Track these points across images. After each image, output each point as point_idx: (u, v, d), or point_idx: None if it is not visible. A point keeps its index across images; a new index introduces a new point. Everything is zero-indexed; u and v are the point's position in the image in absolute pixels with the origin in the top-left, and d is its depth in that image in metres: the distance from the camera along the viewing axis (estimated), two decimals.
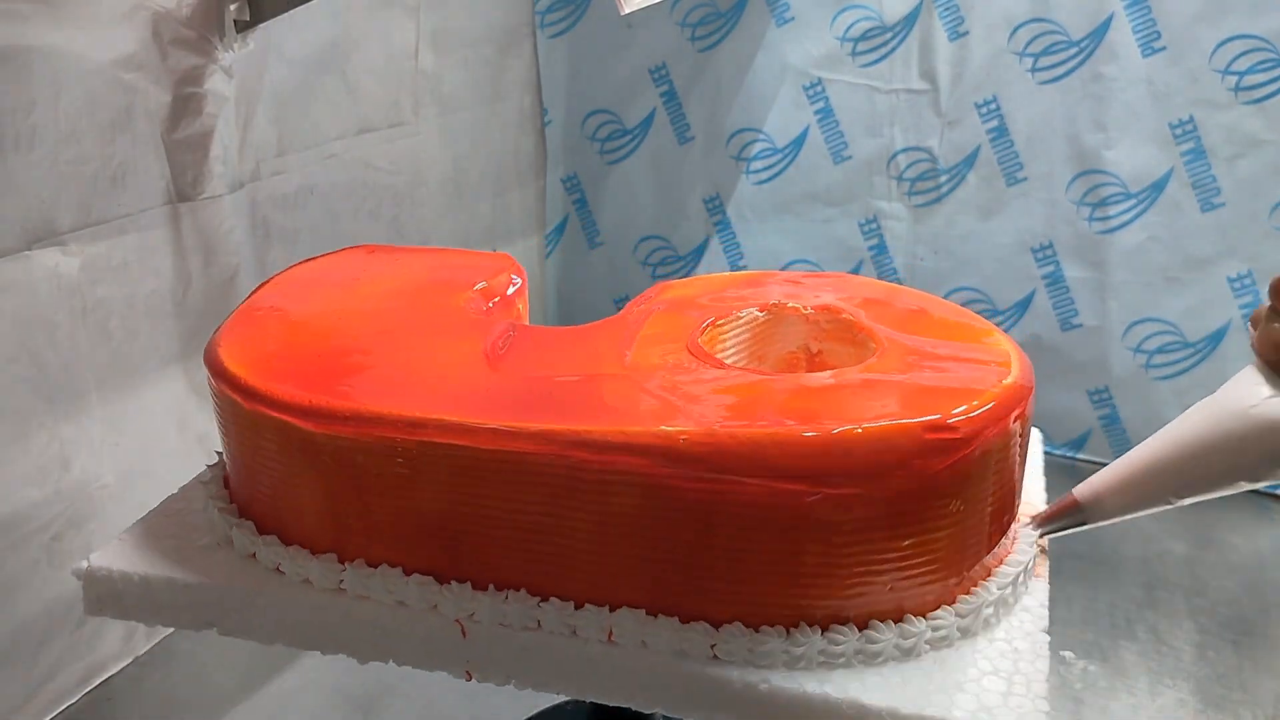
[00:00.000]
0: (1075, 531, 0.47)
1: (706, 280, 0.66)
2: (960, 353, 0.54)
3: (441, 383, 0.52)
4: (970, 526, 0.48)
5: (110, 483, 0.77)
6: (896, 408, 0.47)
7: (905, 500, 0.46)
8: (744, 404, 0.49)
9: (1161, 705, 0.79)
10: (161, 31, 0.75)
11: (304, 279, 0.67)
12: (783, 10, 1.21)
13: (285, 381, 0.52)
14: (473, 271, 0.66)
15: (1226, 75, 1.04)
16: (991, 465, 0.48)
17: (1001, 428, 0.48)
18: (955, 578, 0.49)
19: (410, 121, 1.07)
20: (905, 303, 0.61)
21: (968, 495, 0.47)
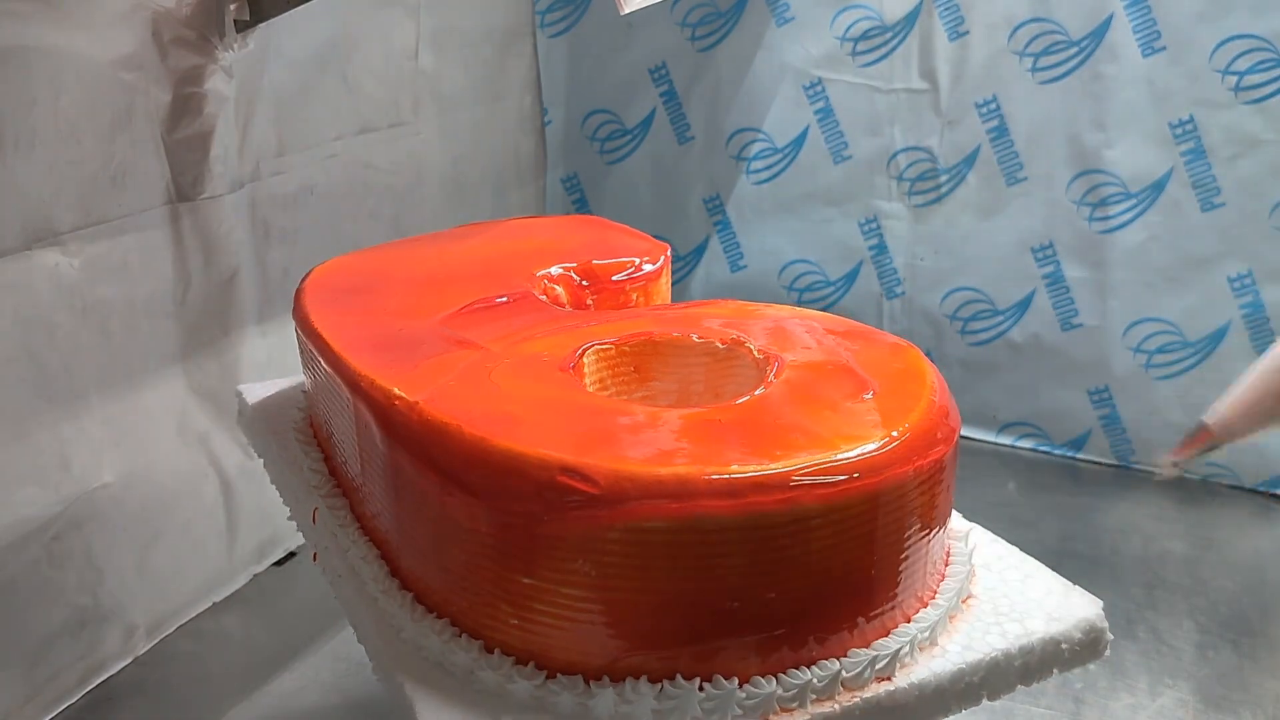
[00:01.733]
0: (1210, 455, 0.49)
1: (752, 308, 0.62)
2: (818, 434, 0.47)
3: (389, 324, 0.58)
4: (617, 604, 0.43)
5: (110, 482, 0.77)
6: (578, 444, 0.44)
7: (522, 533, 0.43)
8: (485, 396, 0.49)
9: (1161, 705, 0.79)
10: (161, 31, 0.75)
11: (465, 232, 0.76)
12: (783, 10, 1.21)
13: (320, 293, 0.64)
14: (609, 251, 0.69)
15: (1226, 75, 1.04)
16: (653, 545, 0.42)
17: (669, 509, 0.41)
18: (601, 652, 0.44)
19: (410, 121, 1.07)
20: (869, 378, 0.54)
21: (604, 564, 0.42)
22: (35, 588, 0.72)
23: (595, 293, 0.66)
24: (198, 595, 0.87)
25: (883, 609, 0.46)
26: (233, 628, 0.86)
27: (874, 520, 0.44)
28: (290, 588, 0.91)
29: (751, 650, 0.44)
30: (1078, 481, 1.15)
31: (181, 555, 0.84)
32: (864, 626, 0.46)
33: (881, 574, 0.46)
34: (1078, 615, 0.51)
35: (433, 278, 0.65)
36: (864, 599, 0.45)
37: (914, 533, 0.47)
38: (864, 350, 0.55)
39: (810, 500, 0.42)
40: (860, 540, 0.44)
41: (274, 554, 0.94)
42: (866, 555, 0.45)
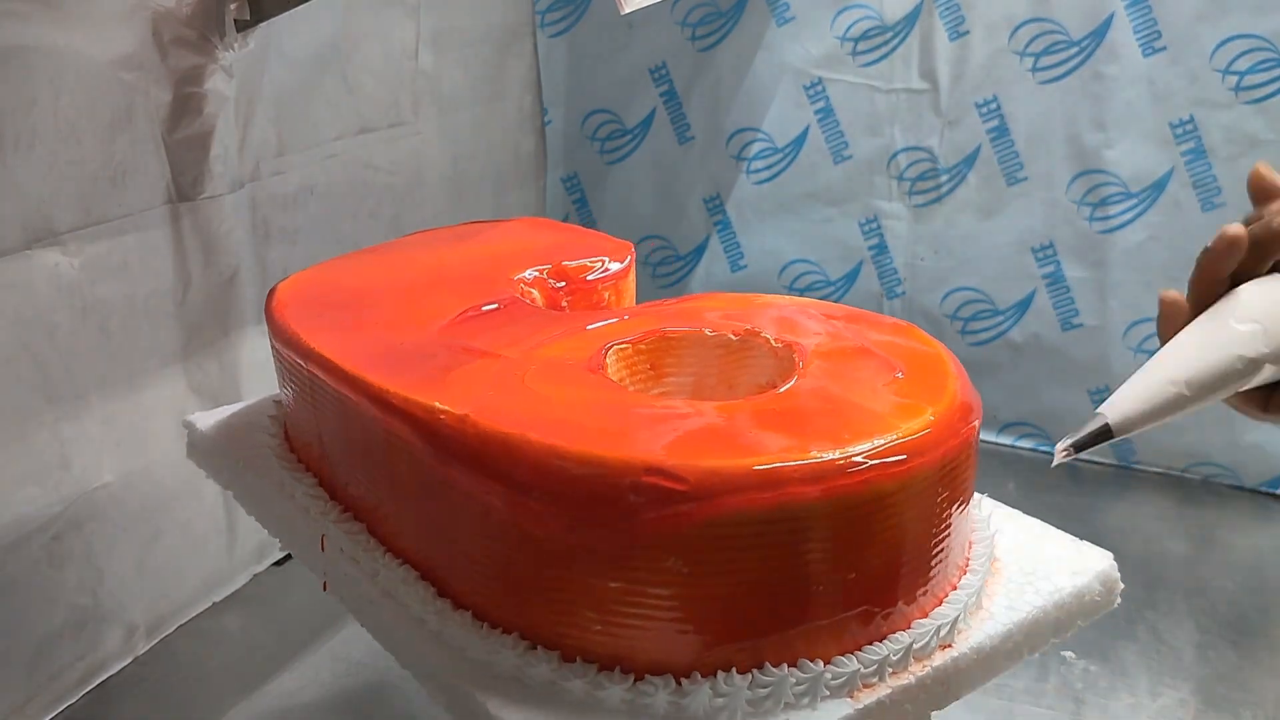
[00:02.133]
0: (1105, 445, 0.48)
1: (746, 299, 0.62)
2: (856, 419, 0.48)
3: (383, 338, 0.57)
4: (711, 598, 0.43)
5: (110, 482, 0.77)
6: (652, 445, 0.43)
7: (609, 537, 0.43)
8: (536, 404, 0.48)
9: (1161, 705, 0.79)
10: (161, 31, 0.75)
11: (415, 240, 0.75)
12: (783, 10, 1.21)
13: (297, 312, 0.60)
14: (573, 253, 0.69)
15: (1227, 75, 1.04)
16: (744, 538, 0.42)
17: (763, 499, 0.42)
18: (689, 649, 0.44)
19: (410, 121, 1.07)
20: (890, 362, 0.55)
21: (696, 559, 0.42)
22: (35, 588, 0.72)
23: (569, 294, 0.66)
24: (198, 595, 0.87)
25: (937, 579, 0.48)
26: (233, 628, 0.86)
27: (934, 494, 0.46)
28: (290, 588, 0.91)
29: (833, 631, 0.45)
30: (1078, 481, 1.15)
31: (181, 555, 0.84)
32: (923, 598, 0.47)
33: (937, 545, 0.47)
34: (1095, 568, 0.56)
35: (411, 287, 0.64)
36: (924, 571, 0.47)
37: (960, 503, 0.49)
38: (871, 333, 0.56)
39: (886, 479, 0.44)
40: (923, 514, 0.46)
41: (274, 554, 0.94)
42: (927, 528, 0.46)
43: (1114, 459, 1.16)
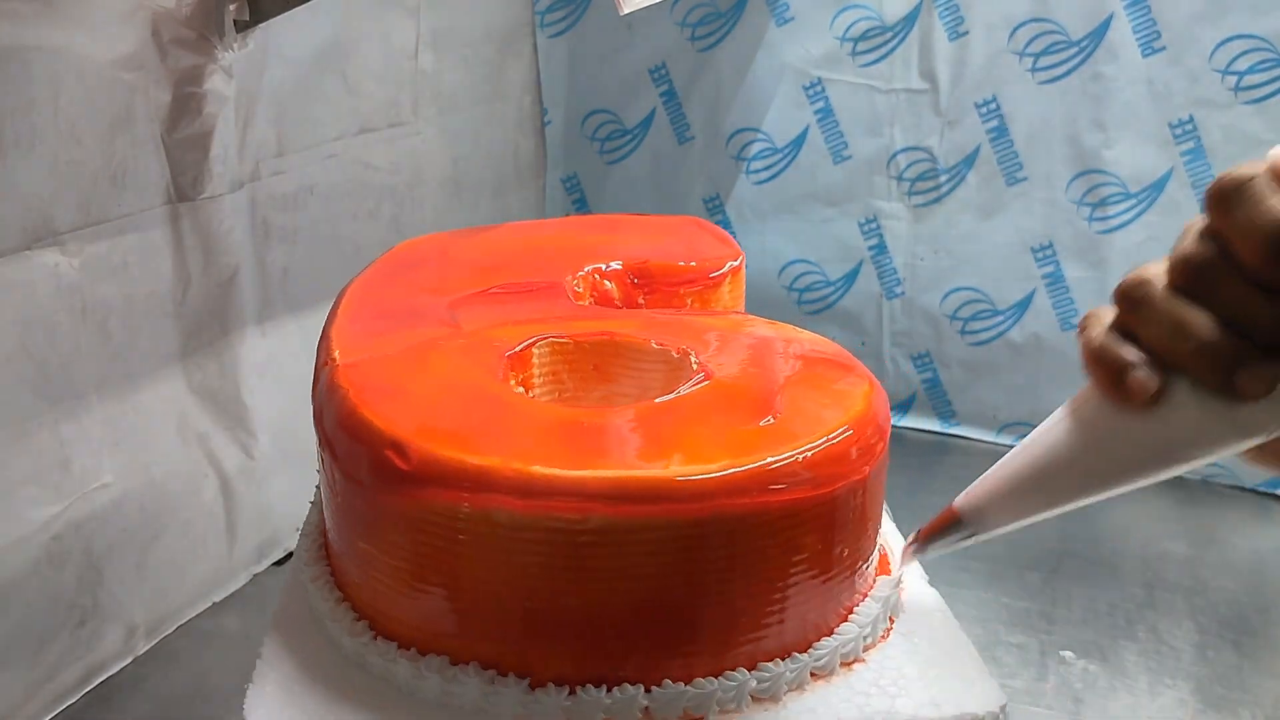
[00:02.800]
0: (961, 546, 0.44)
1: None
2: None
3: (407, 291, 0.60)
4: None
5: (110, 483, 0.77)
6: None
7: (364, 502, 0.47)
8: (399, 371, 0.51)
9: (1161, 705, 0.78)
10: (161, 31, 0.75)
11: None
12: (782, 10, 1.21)
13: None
14: (680, 253, 0.69)
15: (1226, 75, 1.04)
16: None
17: (486, 500, 0.42)
18: None
19: (410, 121, 1.07)
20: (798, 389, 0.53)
21: (418, 542, 0.43)
22: (35, 588, 0.72)
23: (647, 292, 0.65)
24: (198, 595, 0.87)
25: (704, 647, 0.43)
26: (233, 628, 0.86)
27: (688, 549, 0.42)
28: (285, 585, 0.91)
29: (556, 654, 0.43)
30: None
31: (181, 555, 0.84)
32: (685, 660, 0.43)
33: (700, 608, 0.43)
34: (964, 708, 0.46)
35: (485, 261, 0.66)
36: (676, 630, 0.43)
37: (755, 572, 0.43)
38: (813, 380, 0.51)
39: (610, 513, 0.41)
40: (669, 568, 0.42)
41: (274, 554, 0.94)
42: (676, 584, 0.42)
43: None
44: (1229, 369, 0.33)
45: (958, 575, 0.92)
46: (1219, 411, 0.34)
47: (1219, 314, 0.33)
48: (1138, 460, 0.36)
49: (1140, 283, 0.34)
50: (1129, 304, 0.35)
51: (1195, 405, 0.34)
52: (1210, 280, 0.33)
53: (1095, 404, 0.36)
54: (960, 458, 1.19)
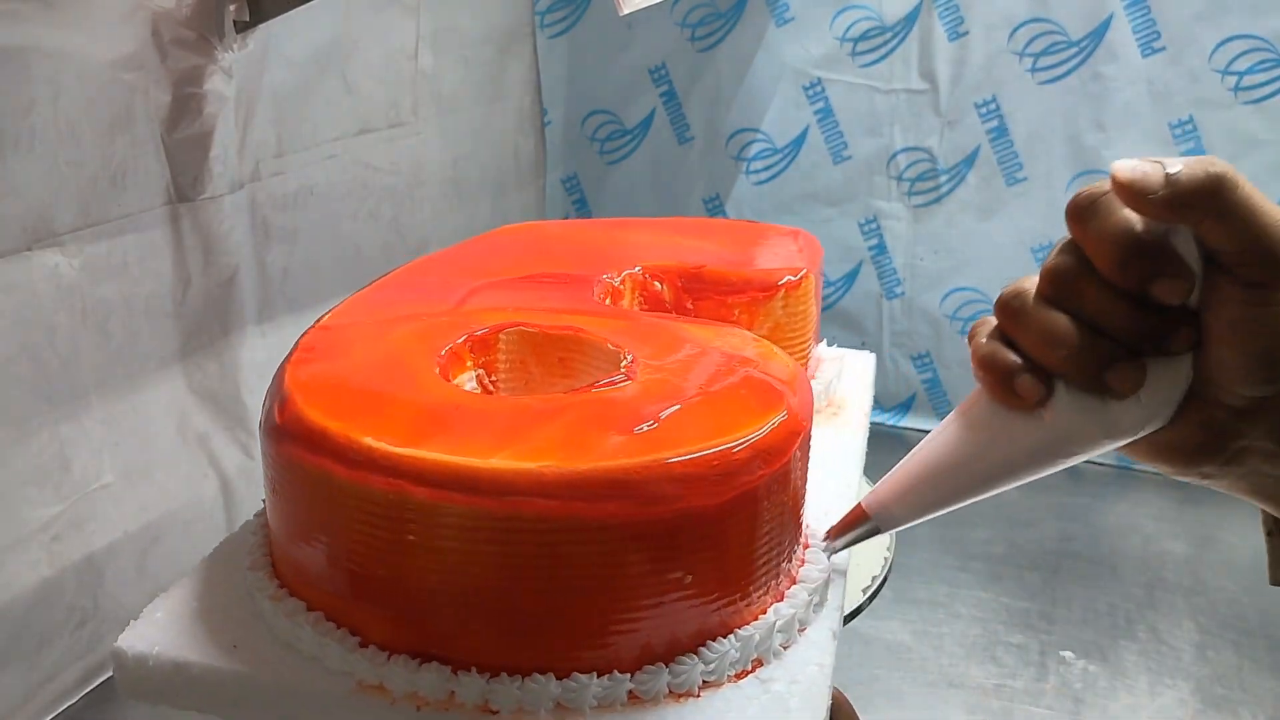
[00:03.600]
0: (866, 539, 0.45)
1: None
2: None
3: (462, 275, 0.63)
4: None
5: (110, 483, 0.77)
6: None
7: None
8: (349, 343, 0.53)
9: (1161, 705, 0.79)
10: (161, 31, 0.75)
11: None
12: (782, 10, 1.21)
13: None
14: (749, 262, 0.68)
15: (1226, 75, 1.04)
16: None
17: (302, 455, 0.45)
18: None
19: (410, 121, 1.07)
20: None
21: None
22: (35, 588, 0.72)
23: (696, 298, 0.64)
24: None
25: (515, 642, 0.43)
26: None
27: (498, 543, 0.41)
28: None
29: (378, 620, 0.44)
30: (1078, 481, 1.15)
31: (181, 556, 0.84)
32: (513, 652, 0.43)
33: (516, 605, 0.42)
34: None
35: (545, 249, 0.67)
36: (493, 620, 0.42)
37: (567, 579, 0.42)
38: (722, 404, 0.49)
39: (416, 492, 0.41)
40: (480, 559, 0.41)
41: None
42: (490, 576, 0.41)
43: (1114, 459, 1.16)
44: (1098, 370, 0.35)
45: (958, 575, 0.92)
46: (1095, 410, 0.37)
47: (1084, 319, 0.35)
48: (1025, 458, 0.39)
49: (1016, 294, 0.37)
50: (1007, 314, 0.37)
51: (1074, 406, 0.37)
52: (1074, 288, 0.35)
53: (985, 406, 0.39)
54: None
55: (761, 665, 0.45)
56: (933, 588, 0.91)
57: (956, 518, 0.44)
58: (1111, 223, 0.34)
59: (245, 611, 0.48)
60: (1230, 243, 0.34)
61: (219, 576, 0.52)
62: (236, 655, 0.46)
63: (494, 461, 0.41)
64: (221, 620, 0.48)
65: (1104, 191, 0.35)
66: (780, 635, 0.45)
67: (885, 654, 0.84)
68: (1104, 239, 0.34)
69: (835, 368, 0.74)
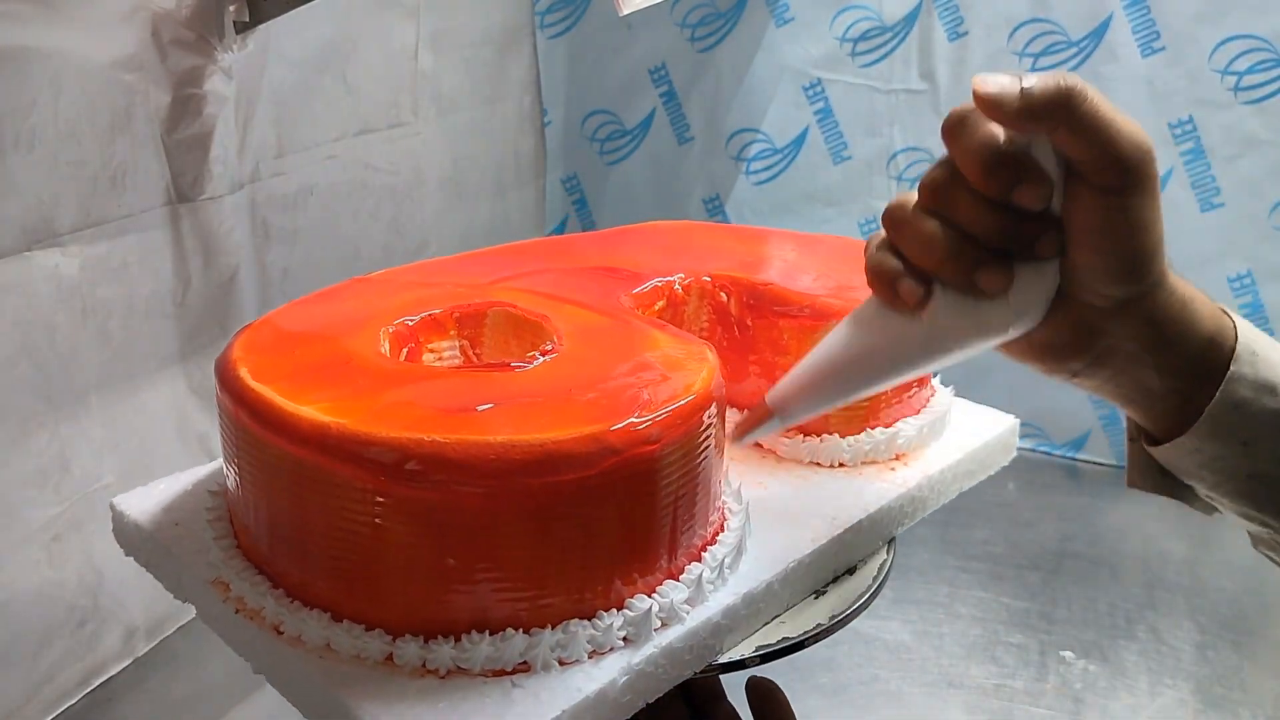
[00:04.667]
0: (771, 432, 0.47)
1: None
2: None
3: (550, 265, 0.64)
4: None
5: (110, 483, 0.77)
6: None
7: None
8: (335, 317, 0.55)
9: (1161, 705, 0.79)
10: (161, 32, 0.75)
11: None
12: (782, 10, 1.21)
13: None
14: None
15: (1226, 75, 1.04)
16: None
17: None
18: None
19: (410, 122, 1.07)
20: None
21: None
22: (35, 588, 0.72)
23: (756, 316, 0.61)
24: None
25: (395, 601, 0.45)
26: None
27: (427, 514, 0.42)
28: None
29: (310, 575, 0.46)
30: (1078, 481, 1.15)
31: None
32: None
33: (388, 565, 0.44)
34: None
35: (624, 248, 0.68)
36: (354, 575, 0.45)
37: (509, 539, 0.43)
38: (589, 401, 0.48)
39: (304, 455, 0.44)
40: (361, 521, 0.43)
41: None
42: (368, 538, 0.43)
43: (1114, 459, 1.16)
44: (969, 272, 0.38)
45: (958, 576, 0.92)
46: (969, 310, 0.40)
47: (957, 226, 0.38)
48: (908, 355, 0.42)
49: (899, 205, 0.40)
50: (890, 223, 0.40)
51: (950, 306, 0.40)
52: (947, 197, 0.38)
53: (874, 308, 0.42)
54: None
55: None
56: (933, 588, 0.91)
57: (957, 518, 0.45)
58: (978, 136, 0.37)
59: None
60: (1083, 151, 0.36)
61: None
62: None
63: (305, 409, 0.44)
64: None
65: (973, 109, 0.37)
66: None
67: (885, 654, 0.84)
68: (971, 151, 0.37)
69: (938, 420, 0.65)
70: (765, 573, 0.49)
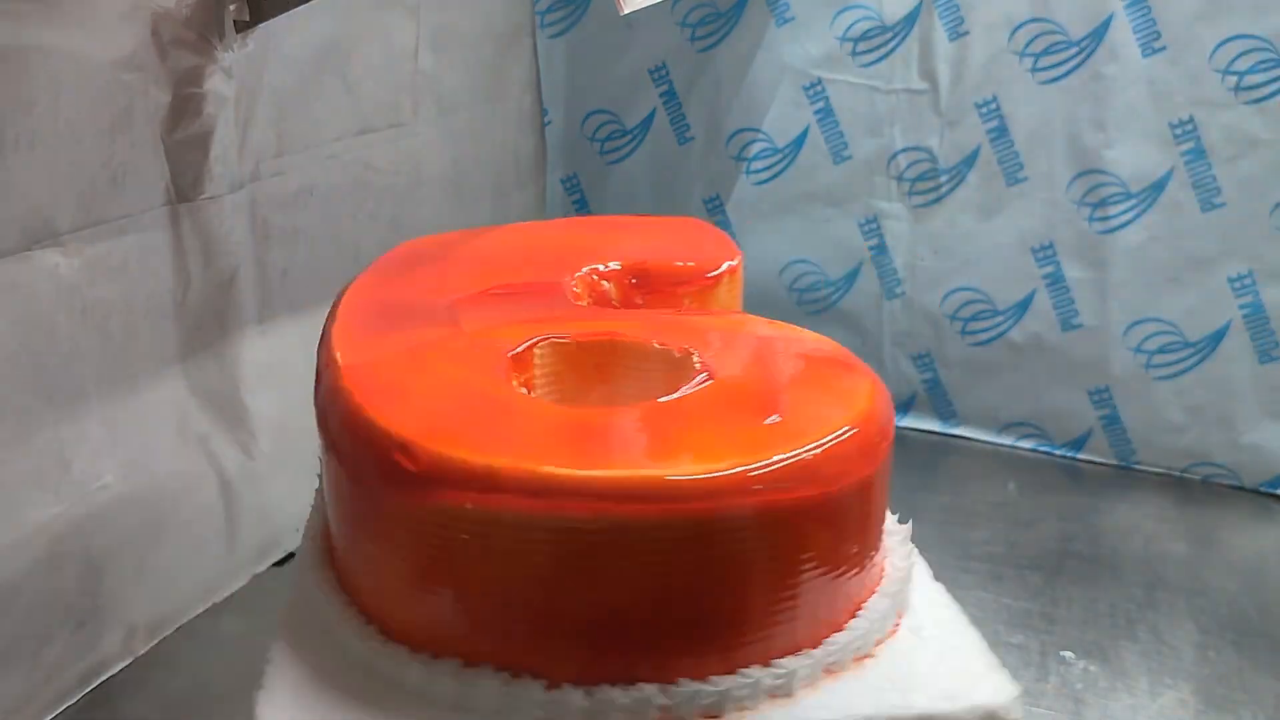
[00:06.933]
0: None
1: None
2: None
3: (405, 289, 0.60)
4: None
5: (110, 483, 0.77)
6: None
7: (374, 507, 0.47)
8: (402, 370, 0.51)
9: (1161, 705, 0.78)
10: (161, 32, 0.75)
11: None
12: (783, 10, 1.21)
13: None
14: (677, 253, 0.69)
15: (1227, 75, 1.04)
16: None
17: (498, 501, 0.42)
18: None
19: (410, 121, 1.07)
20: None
21: (427, 544, 0.44)
22: (35, 588, 0.72)
23: (645, 293, 0.65)
24: (198, 596, 0.87)
25: (718, 645, 0.44)
26: (233, 628, 0.86)
27: (698, 548, 0.42)
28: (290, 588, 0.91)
29: (571, 654, 0.43)
30: (1078, 481, 1.15)
31: (181, 555, 0.84)
32: (699, 658, 0.43)
33: (711, 606, 0.43)
34: (976, 700, 0.46)
35: (485, 261, 0.66)
36: (689, 628, 0.43)
37: (765, 569, 0.44)
38: (816, 379, 0.52)
39: (621, 513, 0.41)
40: (679, 567, 0.42)
41: (274, 554, 0.94)
42: (687, 583, 0.42)
43: (1114, 459, 1.16)
44: None
45: (958, 576, 0.92)
46: None
47: None
48: None
49: None
50: None
51: None
52: None
53: None
54: (961, 458, 1.19)
55: (902, 616, 0.49)
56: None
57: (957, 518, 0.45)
58: None
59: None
60: None
61: (312, 651, 0.49)
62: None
63: (683, 469, 0.41)
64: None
65: None
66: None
67: None
68: None
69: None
70: None
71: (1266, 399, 1.09)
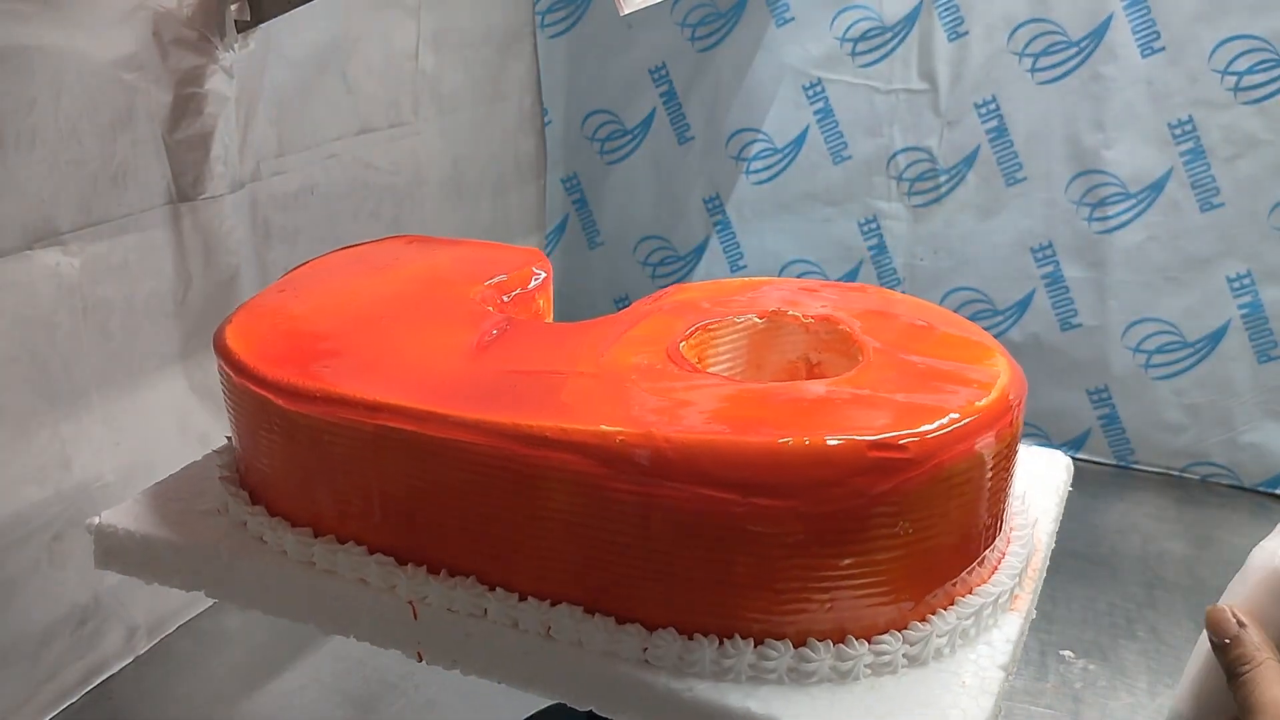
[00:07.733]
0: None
1: (718, 285, 0.65)
2: (949, 370, 0.52)
3: (414, 370, 0.54)
4: (924, 550, 0.47)
5: (110, 482, 0.77)
6: (850, 423, 0.46)
7: (844, 518, 0.45)
8: (687, 408, 0.48)
9: (1161, 705, 0.79)
10: (162, 31, 0.75)
11: (330, 266, 0.70)
12: (782, 10, 1.21)
13: (270, 361, 0.55)
14: (496, 265, 0.67)
15: (1226, 75, 1.04)
16: (952, 488, 0.46)
17: (963, 450, 0.46)
18: (907, 602, 0.47)
19: (410, 121, 1.07)
20: (908, 315, 0.59)
21: (920, 518, 0.46)
22: (36, 587, 0.72)
23: (514, 305, 0.65)
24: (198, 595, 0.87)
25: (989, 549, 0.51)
26: (233, 628, 0.86)
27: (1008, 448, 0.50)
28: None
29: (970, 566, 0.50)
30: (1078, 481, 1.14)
31: None
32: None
33: (995, 501, 0.51)
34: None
35: (372, 317, 0.61)
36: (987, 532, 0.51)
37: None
38: (889, 309, 0.59)
39: (990, 432, 0.48)
40: (1000, 471, 0.50)
41: None
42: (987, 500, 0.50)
43: (1113, 459, 1.16)
44: None
45: None
46: None
47: None
48: None
49: None
50: None
51: None
52: None
53: None
54: None
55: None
56: None
57: None
58: None
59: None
60: None
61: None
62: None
63: (981, 404, 0.48)
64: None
65: None
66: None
67: None
68: None
69: None
70: None
71: (1265, 399, 1.09)
